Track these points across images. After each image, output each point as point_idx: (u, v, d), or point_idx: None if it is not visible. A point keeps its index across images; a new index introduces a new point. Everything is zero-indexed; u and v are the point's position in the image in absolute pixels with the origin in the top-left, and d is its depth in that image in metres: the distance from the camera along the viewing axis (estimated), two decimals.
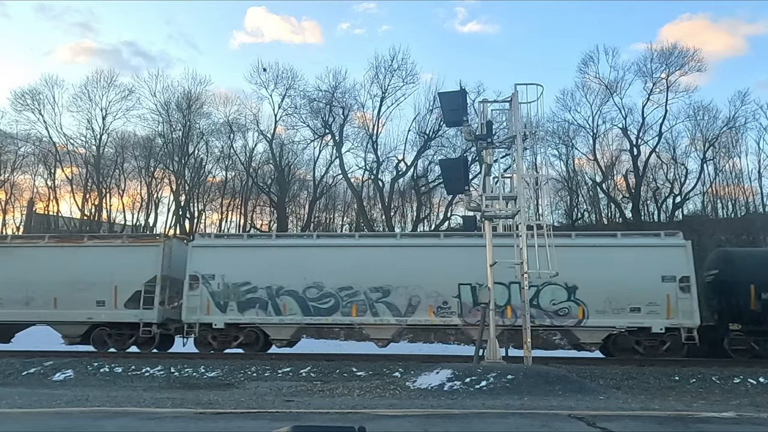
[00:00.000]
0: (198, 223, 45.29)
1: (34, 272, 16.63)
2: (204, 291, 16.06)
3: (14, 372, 13.19)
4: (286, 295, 16.00)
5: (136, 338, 16.30)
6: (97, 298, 16.34)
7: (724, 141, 42.14)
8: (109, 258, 16.78)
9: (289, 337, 16.38)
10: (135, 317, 16.18)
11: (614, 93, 40.65)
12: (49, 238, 18.11)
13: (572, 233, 16.68)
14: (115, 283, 16.37)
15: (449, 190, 16.46)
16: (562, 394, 9.83)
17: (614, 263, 15.34)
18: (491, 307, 12.21)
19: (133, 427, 6.57)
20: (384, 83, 41.25)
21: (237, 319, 16.00)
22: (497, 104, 13.67)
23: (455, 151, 37.51)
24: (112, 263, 16.60)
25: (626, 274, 15.16)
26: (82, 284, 16.34)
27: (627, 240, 16.43)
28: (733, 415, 7.51)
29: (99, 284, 16.32)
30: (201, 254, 16.59)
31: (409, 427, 6.57)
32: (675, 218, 39.55)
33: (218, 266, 16.31)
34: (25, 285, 16.53)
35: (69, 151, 45.03)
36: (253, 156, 45.03)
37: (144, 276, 16.37)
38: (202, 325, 15.95)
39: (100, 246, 17.41)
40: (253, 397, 9.74)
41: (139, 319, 16.13)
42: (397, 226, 42.07)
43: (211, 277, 16.18)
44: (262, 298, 16.05)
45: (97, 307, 16.32)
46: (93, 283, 16.34)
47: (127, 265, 16.50)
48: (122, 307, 16.31)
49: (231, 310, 16.01)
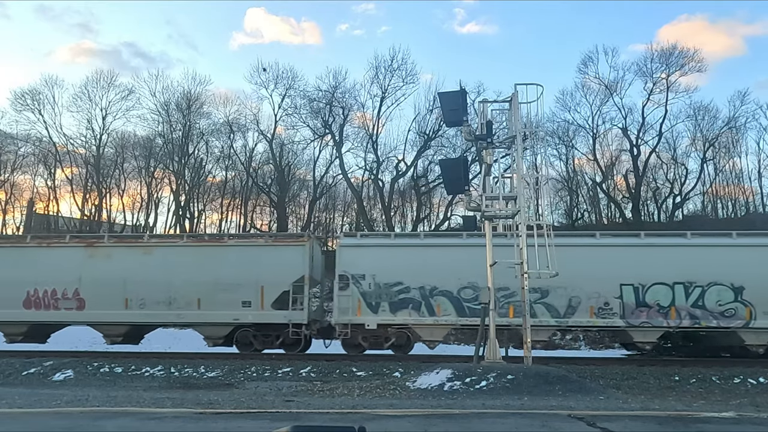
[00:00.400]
0: (198, 223, 45.31)
1: (176, 272, 16.30)
2: (355, 291, 15.78)
3: (14, 372, 13.19)
4: (440, 296, 15.75)
5: (283, 339, 16.01)
6: (242, 298, 16.01)
7: (724, 141, 42.18)
8: (254, 258, 16.39)
9: (441, 338, 16.15)
10: (284, 318, 15.87)
11: (614, 93, 40.71)
12: (187, 238, 17.78)
13: (733, 233, 16.19)
14: (262, 284, 16.04)
15: (449, 190, 16.45)
16: (562, 394, 9.82)
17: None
18: (491, 307, 12.21)
19: (133, 427, 6.57)
20: (384, 83, 41.31)
21: (389, 320, 15.70)
22: (497, 104, 13.67)
23: (455, 151, 37.53)
24: (257, 263, 16.22)
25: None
26: (226, 285, 16.00)
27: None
28: (733, 415, 7.51)
29: (244, 285, 15.98)
30: (350, 254, 16.27)
31: (409, 427, 6.57)
32: (675, 218, 39.56)
33: (368, 266, 16.03)
34: (167, 285, 16.22)
35: (69, 151, 45.05)
36: (253, 156, 45.07)
37: (291, 276, 16.06)
38: (353, 326, 15.63)
39: (245, 246, 17.05)
40: (253, 397, 9.74)
41: (288, 320, 15.83)
42: (397, 226, 42.09)
43: (361, 277, 15.88)
44: (414, 298, 15.78)
45: (242, 307, 15.99)
46: (238, 284, 16.00)
47: (273, 265, 16.16)
48: (269, 308, 16.00)
49: (383, 310, 15.72)
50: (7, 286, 16.41)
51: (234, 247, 16.94)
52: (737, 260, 14.51)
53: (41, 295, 16.45)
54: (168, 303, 16.18)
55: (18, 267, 16.65)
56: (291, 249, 16.53)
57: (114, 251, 16.96)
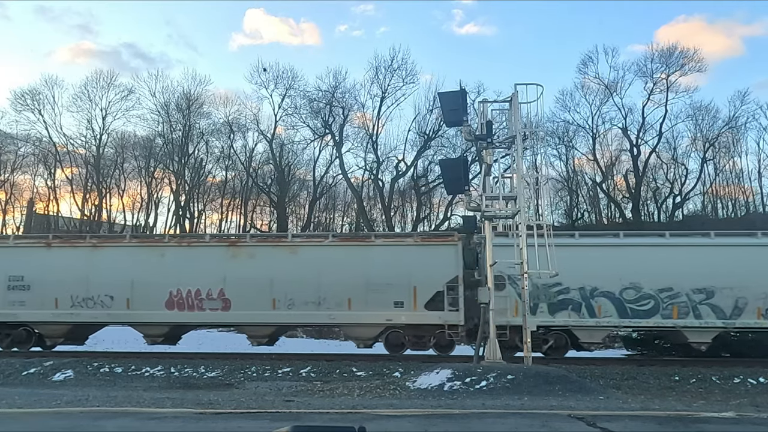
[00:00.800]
0: (198, 223, 45.32)
1: (325, 272, 15.89)
2: (511, 292, 15.20)
3: (14, 372, 13.18)
4: (601, 297, 15.34)
5: (437, 341, 15.58)
6: (394, 299, 15.59)
7: (724, 141, 42.18)
8: (405, 257, 15.96)
9: (600, 340, 15.83)
10: (439, 319, 15.42)
11: (614, 93, 40.72)
12: (333, 237, 17.36)
13: None
14: (414, 284, 15.61)
15: (449, 190, 16.44)
16: (562, 394, 9.82)
17: None
18: (491, 307, 12.21)
19: (133, 427, 6.57)
20: (384, 83, 41.32)
21: (548, 322, 15.30)
22: (497, 104, 13.67)
23: (455, 151, 37.55)
24: (409, 263, 15.80)
25: None
26: (377, 285, 15.59)
27: None
28: (733, 415, 7.51)
29: (396, 285, 15.54)
30: (504, 254, 16.07)
31: (409, 427, 6.57)
32: (675, 218, 39.56)
33: None
34: (317, 286, 15.85)
35: (69, 152, 45.06)
36: (253, 156, 45.07)
37: (445, 276, 15.63)
38: (512, 327, 15.07)
39: (396, 245, 16.59)
40: (253, 397, 9.74)
41: (444, 321, 15.39)
42: (397, 226, 42.09)
43: (518, 278, 15.35)
44: (574, 299, 15.38)
45: (395, 308, 15.58)
46: (389, 284, 15.58)
47: (425, 264, 15.75)
48: (422, 309, 15.57)
49: (541, 311, 15.31)
50: (148, 286, 16.08)
51: (384, 246, 16.42)
52: None
53: (185, 295, 16.08)
54: (317, 303, 15.77)
55: (160, 267, 16.28)
56: (443, 248, 16.12)
57: (258, 251, 16.54)
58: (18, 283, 16.47)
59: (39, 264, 16.57)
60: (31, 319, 16.36)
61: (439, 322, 15.44)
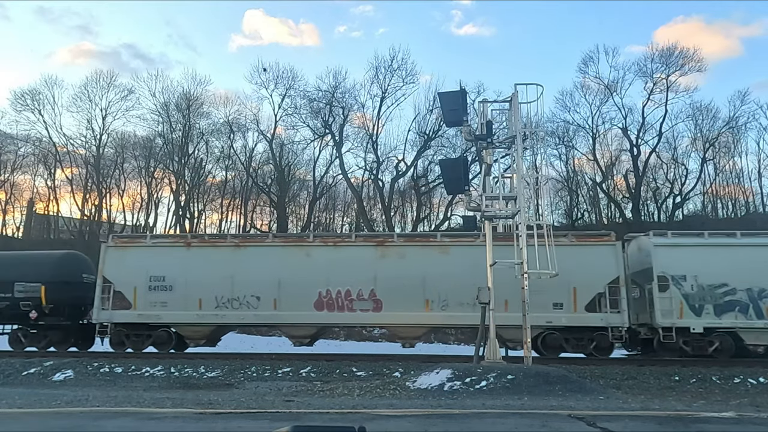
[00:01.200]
0: (198, 223, 45.31)
1: (479, 272, 15.07)
2: (676, 293, 15.03)
3: (14, 372, 13.18)
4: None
5: (597, 343, 15.24)
6: (553, 300, 15.23)
7: (724, 141, 42.18)
8: (563, 257, 15.25)
9: (766, 342, 15.52)
10: (601, 321, 15.17)
11: (614, 93, 40.73)
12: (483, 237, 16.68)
13: None
14: (573, 285, 15.26)
15: (449, 190, 16.41)
16: (562, 394, 9.82)
17: None
18: (491, 307, 12.20)
19: (133, 427, 6.57)
20: (384, 83, 41.35)
21: (715, 323, 14.98)
22: (497, 104, 13.66)
23: (455, 151, 37.56)
24: (567, 263, 15.09)
25: None
26: (535, 286, 15.02)
27: None
28: (733, 415, 7.51)
29: (555, 286, 14.88)
30: (666, 254, 15.50)
31: (409, 427, 6.57)
32: (675, 218, 39.56)
33: (688, 266, 15.30)
34: (472, 286, 14.74)
35: (69, 152, 45.09)
36: (253, 156, 45.10)
37: (605, 276, 15.36)
38: (678, 329, 14.85)
39: (555, 245, 15.98)
40: (253, 397, 9.73)
41: (606, 323, 15.15)
42: (397, 226, 42.10)
43: (681, 278, 15.15)
44: (741, 300, 15.04)
45: (554, 310, 15.27)
46: (548, 285, 14.95)
47: (585, 265, 15.37)
48: (582, 311, 15.31)
49: (707, 313, 14.99)
50: (296, 287, 15.76)
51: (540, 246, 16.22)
52: None
53: (334, 296, 15.75)
54: (473, 305, 15.10)
55: (307, 267, 15.95)
56: (602, 248, 15.83)
57: (407, 250, 16.19)
58: (160, 283, 16.14)
59: (180, 264, 16.22)
60: (175, 320, 16.06)
61: (600, 324, 15.15)
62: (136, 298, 16.11)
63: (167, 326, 16.20)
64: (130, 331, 16.17)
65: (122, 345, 16.21)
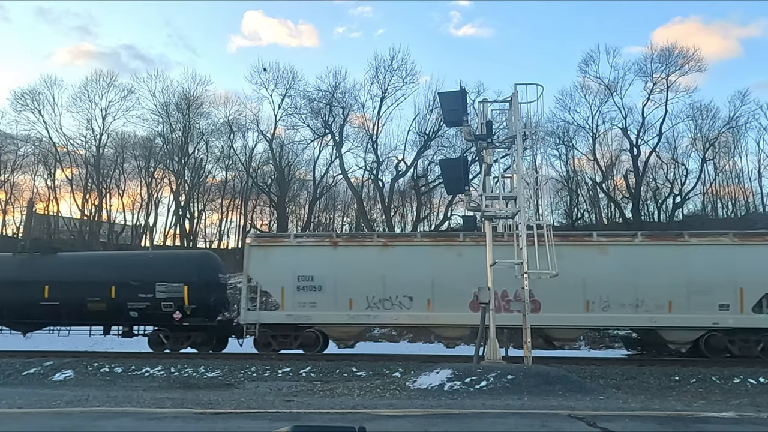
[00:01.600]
0: (198, 224, 45.34)
1: (641, 273, 15.16)
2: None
3: (14, 372, 13.18)
4: None
5: (763, 345, 14.84)
6: (719, 301, 14.92)
7: (724, 141, 42.18)
8: (728, 257, 15.27)
9: None
10: None
11: (614, 93, 40.70)
12: (642, 236, 16.34)
13: None
14: (740, 285, 14.96)
15: (449, 190, 16.41)
16: (562, 394, 9.82)
17: None
18: (491, 307, 12.20)
19: (133, 427, 6.56)
20: (384, 83, 41.32)
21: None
22: (497, 104, 13.64)
23: (455, 151, 37.53)
24: (732, 263, 15.10)
25: None
26: (699, 286, 14.88)
27: None
28: (733, 415, 7.50)
29: (720, 286, 14.85)
30: None
31: (409, 427, 6.57)
32: (675, 218, 39.56)
33: None
34: (633, 287, 15.15)
35: (69, 152, 45.12)
36: (253, 156, 45.10)
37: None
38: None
39: (716, 244, 15.81)
40: (253, 397, 9.73)
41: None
42: (397, 226, 42.10)
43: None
44: None
45: (719, 311, 14.89)
46: (712, 285, 14.86)
47: (752, 265, 15.09)
48: (749, 312, 14.94)
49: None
50: (450, 287, 15.42)
51: (702, 246, 15.73)
52: None
53: None
54: (635, 306, 15.07)
55: (460, 267, 15.49)
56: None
57: (565, 250, 15.51)
58: (308, 283, 15.84)
59: (328, 263, 15.95)
60: (325, 320, 15.78)
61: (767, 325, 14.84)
62: (283, 298, 15.83)
63: (315, 327, 15.84)
64: (277, 332, 15.87)
65: (268, 346, 15.87)
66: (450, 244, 16.50)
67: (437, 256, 16.01)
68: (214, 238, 48.62)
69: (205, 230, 48.68)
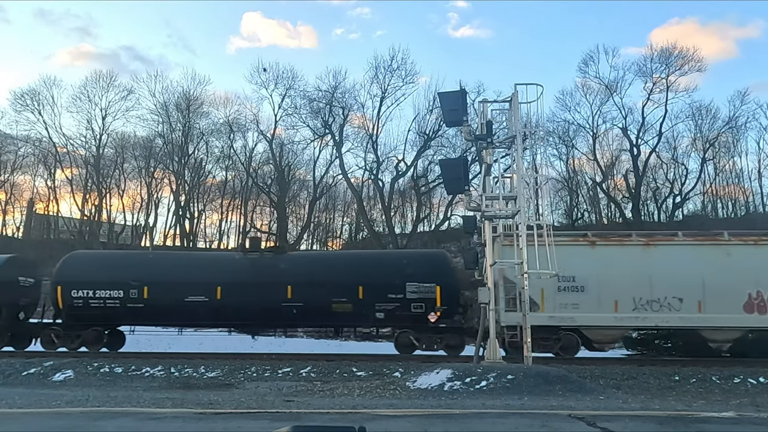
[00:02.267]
0: (198, 224, 45.34)
1: None
2: None
3: (14, 372, 13.17)
4: None
5: None
6: None
7: (724, 141, 42.19)
8: None
9: None
10: None
11: (614, 93, 40.72)
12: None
13: None
14: None
15: (449, 190, 16.42)
16: (562, 394, 9.82)
17: None
18: (491, 307, 12.20)
19: (133, 427, 6.57)
20: (384, 83, 41.32)
21: None
22: (497, 104, 13.65)
23: (455, 151, 37.54)
24: None
25: None
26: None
27: None
28: (733, 415, 7.51)
29: None
30: None
31: (409, 427, 6.57)
32: (675, 218, 39.57)
33: None
34: None
35: (69, 152, 45.12)
36: (253, 156, 45.11)
37: None
38: None
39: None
40: (253, 397, 9.73)
41: None
42: (397, 226, 42.12)
43: None
44: None
45: None
46: None
47: None
48: None
49: None
50: (721, 288, 14.79)
51: None
52: None
53: (766, 298, 14.85)
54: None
55: (730, 267, 15.01)
56: None
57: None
58: (570, 284, 15.24)
59: (588, 263, 15.36)
60: (588, 322, 15.18)
61: None
62: (543, 299, 15.25)
63: (575, 329, 15.29)
64: (536, 334, 15.10)
65: (518, 349, 15.32)
66: (716, 243, 15.84)
67: (704, 256, 15.38)
68: (214, 238, 48.73)
69: (205, 230, 48.76)
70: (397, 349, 16.14)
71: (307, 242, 47.20)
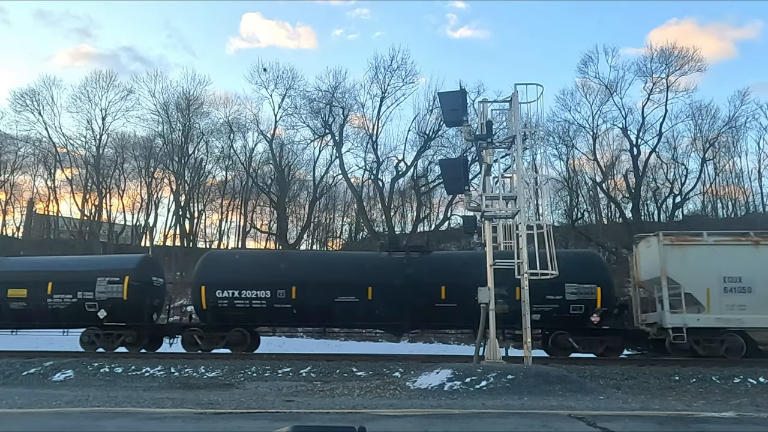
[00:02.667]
0: (198, 224, 45.33)
1: None
2: None
3: (14, 372, 13.17)
4: None
5: None
6: None
7: (724, 141, 42.20)
8: None
9: None
10: None
11: (614, 93, 40.71)
12: None
13: None
14: None
15: (449, 190, 16.40)
16: (562, 394, 9.82)
17: None
18: (491, 307, 12.20)
19: (133, 427, 6.56)
20: (384, 83, 41.34)
21: None
22: (497, 104, 13.63)
23: (455, 151, 37.55)
24: None
25: None
26: None
27: None
28: (733, 415, 7.50)
29: None
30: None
31: (409, 427, 6.57)
32: (675, 218, 39.58)
33: None
34: None
35: (69, 152, 45.14)
36: (253, 156, 45.13)
37: None
38: None
39: None
40: (253, 397, 9.73)
41: None
42: (397, 226, 42.13)
43: None
44: None
45: None
46: None
47: None
48: None
49: None
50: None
51: None
52: None
53: None
54: None
55: None
56: None
57: None
58: (736, 285, 15.02)
59: (753, 264, 15.12)
60: (758, 324, 14.91)
61: None
62: (709, 300, 15.07)
63: (741, 331, 15.08)
64: (698, 336, 15.04)
65: (683, 352, 15.17)
66: None
67: None
68: (214, 239, 48.73)
69: (205, 230, 48.75)
70: (550, 352, 15.77)
71: (307, 242, 47.25)
